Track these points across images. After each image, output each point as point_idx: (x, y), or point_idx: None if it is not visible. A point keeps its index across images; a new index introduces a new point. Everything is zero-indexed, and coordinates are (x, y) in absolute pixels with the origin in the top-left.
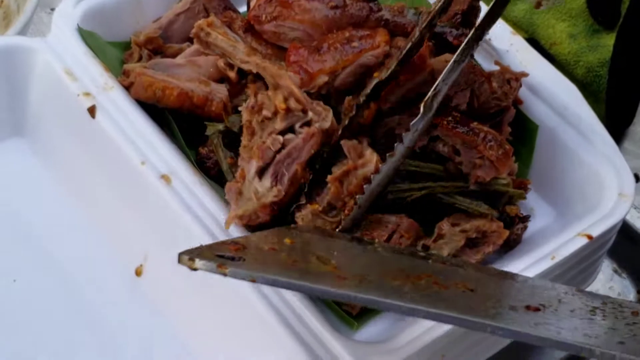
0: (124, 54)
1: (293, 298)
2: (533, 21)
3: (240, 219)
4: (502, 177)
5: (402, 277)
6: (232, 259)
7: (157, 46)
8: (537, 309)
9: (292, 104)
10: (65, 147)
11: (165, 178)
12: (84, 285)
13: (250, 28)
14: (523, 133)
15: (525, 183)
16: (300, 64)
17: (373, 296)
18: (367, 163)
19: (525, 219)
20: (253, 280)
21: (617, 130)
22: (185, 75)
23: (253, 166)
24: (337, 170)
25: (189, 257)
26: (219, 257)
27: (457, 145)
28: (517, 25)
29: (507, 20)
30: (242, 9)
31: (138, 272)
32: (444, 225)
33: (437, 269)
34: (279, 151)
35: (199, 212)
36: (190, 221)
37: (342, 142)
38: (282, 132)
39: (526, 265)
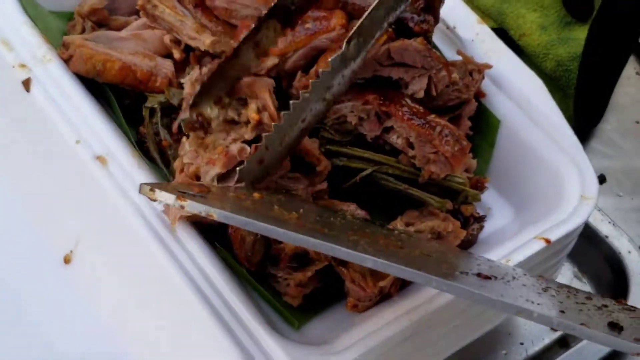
0: (67, 26)
1: (231, 295)
2: (502, 10)
3: (188, 218)
4: (458, 175)
5: (361, 235)
6: (194, 196)
7: (102, 18)
8: (487, 277)
9: (265, 119)
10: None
11: (100, 159)
12: (9, 272)
13: (201, 3)
14: (484, 127)
15: (482, 182)
16: None
17: (325, 242)
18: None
19: (481, 219)
20: (210, 216)
21: (585, 129)
22: (129, 49)
23: (214, 171)
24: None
25: (150, 187)
26: (181, 192)
27: (412, 138)
28: (485, 14)
29: (476, 9)
30: None
31: (67, 259)
32: (397, 225)
33: (400, 237)
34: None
35: (136, 198)
36: (125, 207)
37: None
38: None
39: None
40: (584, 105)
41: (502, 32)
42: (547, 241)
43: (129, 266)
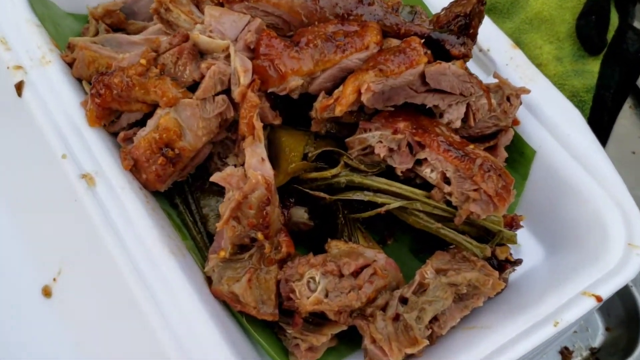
0: (82, 27)
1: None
2: (521, 40)
3: None
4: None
5: None
6: None
7: (117, 21)
8: None
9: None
10: None
11: (87, 178)
12: None
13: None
14: (517, 157)
15: (517, 221)
16: (272, 58)
17: None
18: (255, 185)
19: (516, 263)
20: None
21: None
22: (140, 54)
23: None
24: (224, 210)
25: None
26: None
27: (448, 173)
28: None
29: None
30: None
31: (46, 292)
32: (427, 273)
33: None
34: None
35: (120, 226)
36: (109, 239)
37: (213, 176)
38: None
39: (523, 329)
40: (595, 133)
41: None
42: (598, 299)
43: (111, 303)
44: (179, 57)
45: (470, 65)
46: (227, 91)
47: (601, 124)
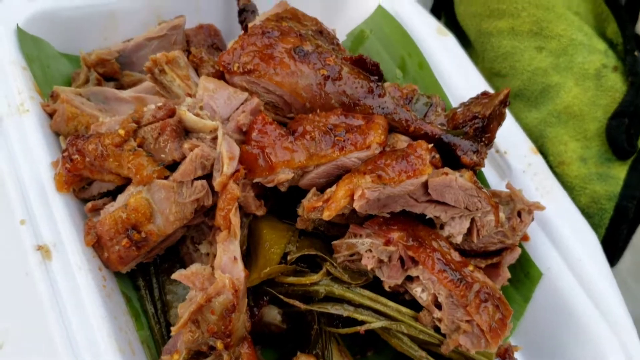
0: (74, 72)
1: None
2: (545, 133)
3: None
4: None
5: None
6: None
7: (111, 71)
8: None
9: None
10: None
11: (43, 250)
12: None
13: (221, 77)
14: (521, 277)
15: (511, 353)
16: (263, 146)
17: None
18: (221, 289)
19: None
20: None
21: None
22: (125, 113)
23: None
24: (183, 311)
25: None
26: None
27: (440, 297)
28: (525, 133)
29: None
30: None
31: None
32: None
33: None
34: None
35: (70, 311)
36: (54, 323)
37: (175, 273)
38: None
39: None
40: (611, 245)
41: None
42: None
43: None
44: (161, 133)
45: (487, 167)
46: (209, 175)
47: (619, 235)
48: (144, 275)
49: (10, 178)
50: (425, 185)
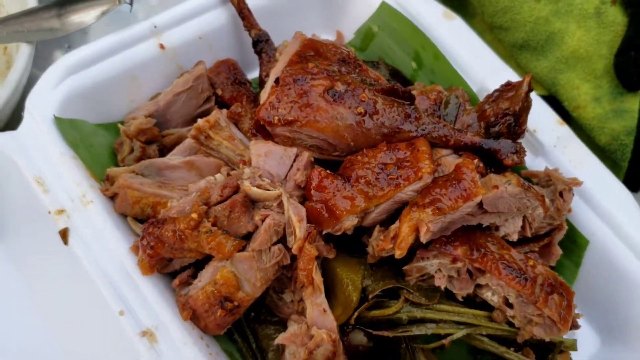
0: (115, 142)
1: None
2: (557, 80)
3: None
4: None
5: None
6: None
7: (151, 136)
8: None
9: None
10: (42, 265)
11: (148, 335)
12: None
13: (261, 129)
14: (570, 245)
15: (575, 320)
16: (325, 199)
17: None
18: (320, 342)
19: None
20: None
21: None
22: (181, 180)
23: None
24: None
25: None
26: None
27: (511, 298)
28: (538, 82)
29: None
30: (254, 74)
31: None
32: None
33: None
34: None
35: None
36: None
37: (279, 338)
38: None
39: None
40: (636, 175)
41: (554, 100)
42: None
43: None
44: (232, 211)
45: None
46: (282, 238)
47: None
48: (237, 329)
49: (96, 274)
50: (480, 203)
